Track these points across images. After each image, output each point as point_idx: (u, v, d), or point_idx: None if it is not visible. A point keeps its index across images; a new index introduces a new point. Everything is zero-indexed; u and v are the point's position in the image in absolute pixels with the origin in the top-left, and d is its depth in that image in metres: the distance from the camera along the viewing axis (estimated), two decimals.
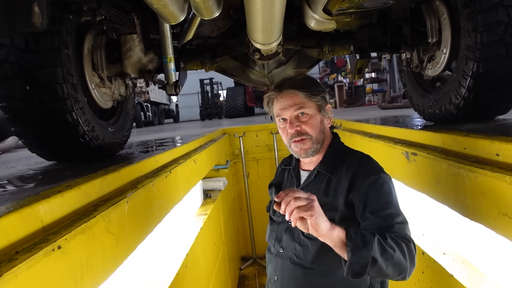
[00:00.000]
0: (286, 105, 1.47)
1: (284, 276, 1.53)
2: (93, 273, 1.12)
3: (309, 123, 1.48)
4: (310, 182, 1.56)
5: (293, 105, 1.46)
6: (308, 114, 1.48)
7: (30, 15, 1.47)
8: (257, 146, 6.36)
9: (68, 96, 1.81)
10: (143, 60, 2.37)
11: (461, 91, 2.13)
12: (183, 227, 3.34)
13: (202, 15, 1.51)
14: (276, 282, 1.56)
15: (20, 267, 0.81)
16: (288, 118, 1.48)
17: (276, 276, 1.56)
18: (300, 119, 1.47)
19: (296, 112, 1.46)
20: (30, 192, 1.18)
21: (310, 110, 1.48)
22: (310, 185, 1.54)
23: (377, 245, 1.21)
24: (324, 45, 2.52)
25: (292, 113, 1.47)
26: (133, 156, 2.41)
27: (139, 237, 1.57)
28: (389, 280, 1.47)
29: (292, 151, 1.55)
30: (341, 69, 20.56)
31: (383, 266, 1.21)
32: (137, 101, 14.93)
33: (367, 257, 1.18)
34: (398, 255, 1.23)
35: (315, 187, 1.51)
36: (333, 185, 1.48)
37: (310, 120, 1.48)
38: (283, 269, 1.53)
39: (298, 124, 1.47)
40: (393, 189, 1.43)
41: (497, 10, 1.88)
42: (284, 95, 1.48)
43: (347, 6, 1.79)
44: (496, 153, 1.44)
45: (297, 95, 1.46)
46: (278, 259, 1.56)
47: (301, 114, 1.47)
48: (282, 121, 1.51)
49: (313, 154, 1.52)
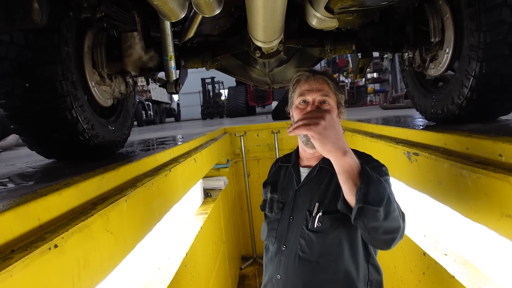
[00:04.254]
0: (316, 88, 1.49)
1: (289, 273, 1.51)
2: (91, 272, 1.11)
3: None
4: (312, 177, 1.57)
5: (321, 89, 1.49)
6: (330, 105, 1.50)
7: (29, 12, 1.47)
8: (258, 145, 6.35)
9: (67, 94, 1.80)
10: (144, 58, 2.36)
11: (463, 91, 2.11)
12: (183, 226, 3.33)
13: (203, 13, 1.50)
14: (279, 281, 1.53)
15: (16, 266, 0.80)
16: (312, 100, 1.49)
17: (279, 275, 1.53)
18: (322, 106, 1.48)
19: (322, 97, 1.48)
20: (28, 190, 1.17)
21: (332, 102, 1.51)
22: (312, 180, 1.56)
23: (391, 197, 1.19)
24: (326, 43, 2.50)
25: (317, 97, 1.48)
26: (133, 154, 2.40)
27: (138, 236, 1.56)
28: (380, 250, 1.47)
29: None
30: (342, 69, 20.56)
31: (390, 212, 1.18)
32: (138, 100, 14.94)
33: (384, 190, 1.17)
34: (397, 213, 1.22)
35: (317, 182, 1.54)
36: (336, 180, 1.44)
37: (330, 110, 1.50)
38: (287, 267, 1.51)
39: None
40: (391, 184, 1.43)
41: (501, 10, 1.86)
42: (316, 79, 1.51)
43: (349, 4, 1.78)
44: (499, 154, 1.43)
45: (327, 84, 1.51)
46: (281, 257, 1.54)
47: (323, 102, 1.49)
48: (303, 103, 1.51)
49: None
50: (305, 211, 1.52)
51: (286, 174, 1.69)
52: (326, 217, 1.45)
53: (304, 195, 1.56)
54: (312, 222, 1.47)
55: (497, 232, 1.37)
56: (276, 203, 1.64)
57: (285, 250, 1.54)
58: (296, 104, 1.54)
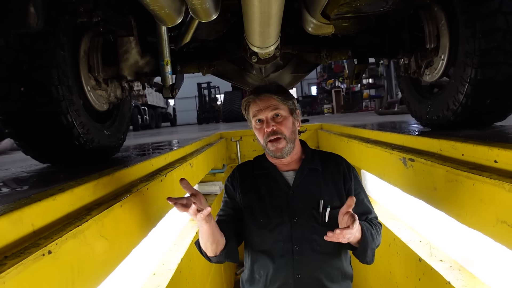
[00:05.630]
0: (263, 107, 1.62)
1: (310, 269, 1.59)
2: (85, 278, 1.09)
3: (283, 124, 1.63)
4: (303, 178, 1.67)
5: (269, 106, 1.62)
6: (282, 116, 1.63)
7: (25, 16, 1.46)
8: (253, 150, 6.33)
9: (63, 98, 1.79)
10: (140, 63, 2.36)
11: (458, 97, 2.12)
12: (178, 231, 3.31)
13: (200, 18, 1.50)
14: (300, 280, 1.59)
15: (9, 272, 0.79)
16: (265, 118, 1.62)
17: (299, 274, 1.59)
18: (275, 120, 1.62)
19: (272, 112, 1.62)
20: (22, 195, 1.16)
21: (284, 112, 1.64)
22: (304, 181, 1.67)
23: (375, 236, 1.59)
24: (322, 49, 2.51)
25: (268, 114, 1.62)
26: (129, 159, 2.39)
27: (133, 241, 1.55)
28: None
29: (269, 150, 1.65)
30: (338, 75, 20.66)
31: (376, 244, 1.63)
32: (134, 105, 14.91)
33: (374, 249, 1.62)
34: (379, 238, 1.66)
35: (310, 182, 1.67)
36: (326, 177, 1.69)
37: (284, 121, 1.63)
38: (307, 264, 1.59)
39: (273, 124, 1.61)
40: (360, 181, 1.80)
41: (495, 17, 1.88)
42: (261, 98, 1.63)
43: (346, 11, 1.79)
44: (495, 160, 1.43)
45: (273, 98, 1.63)
46: (296, 256, 1.59)
47: (276, 115, 1.62)
48: (259, 122, 1.65)
49: (287, 153, 1.65)
50: (309, 210, 1.61)
51: (267, 180, 1.71)
52: (334, 212, 1.56)
53: (301, 196, 1.64)
54: (323, 217, 1.59)
55: (492, 238, 1.37)
56: (271, 208, 1.65)
57: (298, 249, 1.59)
58: (254, 125, 1.68)
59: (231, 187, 1.78)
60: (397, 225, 2.99)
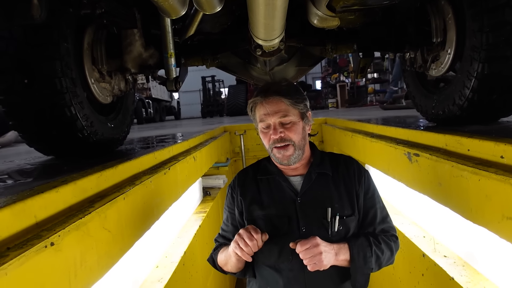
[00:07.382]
0: (271, 111, 1.47)
1: (321, 281, 1.47)
2: (87, 270, 1.09)
3: (292, 130, 1.49)
4: (312, 183, 1.54)
5: (278, 111, 1.47)
6: (292, 121, 1.49)
7: (29, 8, 1.46)
8: (257, 144, 6.32)
9: (66, 90, 1.79)
10: (144, 55, 2.35)
11: (465, 92, 2.10)
12: (181, 224, 3.32)
13: (204, 10, 1.49)
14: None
15: (11, 263, 0.79)
16: (272, 124, 1.48)
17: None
18: (284, 126, 1.48)
19: (281, 119, 1.47)
20: (25, 187, 1.16)
21: (294, 118, 1.49)
22: (313, 187, 1.54)
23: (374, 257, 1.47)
24: (327, 43, 2.49)
25: (276, 120, 1.47)
26: (132, 152, 2.39)
27: (136, 234, 1.55)
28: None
29: (274, 156, 1.53)
30: (343, 69, 20.53)
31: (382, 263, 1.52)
32: (138, 98, 14.92)
33: (368, 273, 1.50)
34: (387, 256, 1.53)
35: (319, 188, 1.54)
36: (337, 182, 1.56)
37: (294, 126, 1.49)
38: (318, 277, 1.45)
39: (282, 130, 1.48)
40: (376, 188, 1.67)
41: (503, 10, 1.85)
42: (269, 101, 1.48)
43: (351, 3, 1.77)
44: (501, 155, 1.42)
45: (282, 102, 1.47)
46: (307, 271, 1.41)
47: (285, 122, 1.48)
48: (266, 128, 1.51)
49: (295, 161, 1.52)
50: (319, 219, 1.49)
51: (272, 186, 1.59)
52: (345, 220, 1.50)
53: (310, 203, 1.51)
54: (333, 226, 1.48)
55: (497, 234, 1.36)
56: (277, 218, 1.52)
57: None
58: (260, 129, 1.55)
59: (231, 199, 1.66)
60: (401, 220, 2.98)
